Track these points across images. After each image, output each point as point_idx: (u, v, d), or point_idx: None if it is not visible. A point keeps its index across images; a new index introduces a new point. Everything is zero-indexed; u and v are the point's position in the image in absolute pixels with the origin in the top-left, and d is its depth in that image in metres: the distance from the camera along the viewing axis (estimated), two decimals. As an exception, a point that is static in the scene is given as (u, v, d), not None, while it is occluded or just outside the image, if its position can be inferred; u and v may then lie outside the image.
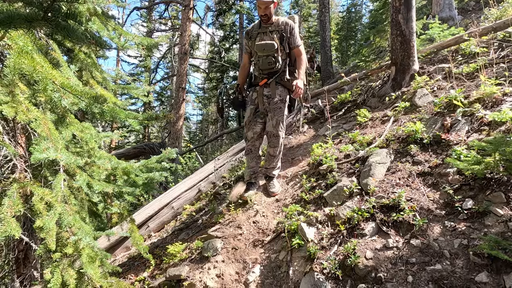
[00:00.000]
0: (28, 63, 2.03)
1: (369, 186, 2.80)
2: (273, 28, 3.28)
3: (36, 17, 1.33)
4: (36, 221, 2.21)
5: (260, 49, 3.23)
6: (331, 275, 2.29)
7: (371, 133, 3.87)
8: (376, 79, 5.58)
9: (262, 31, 3.31)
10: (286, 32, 3.27)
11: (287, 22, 3.31)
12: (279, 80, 3.35)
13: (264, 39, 3.26)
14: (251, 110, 3.43)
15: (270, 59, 3.23)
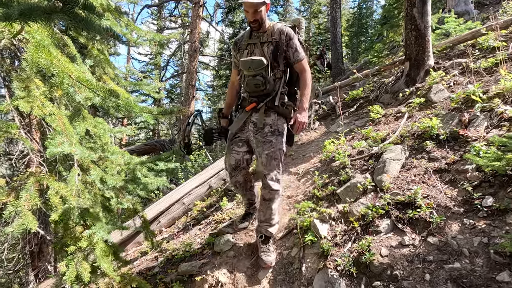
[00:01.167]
0: (45, 57, 2.04)
1: (384, 182, 2.74)
2: (266, 38, 2.42)
3: (55, 9, 1.34)
4: (51, 215, 2.25)
5: (245, 67, 2.39)
6: (345, 272, 2.26)
7: (385, 129, 3.80)
8: (389, 75, 5.48)
9: (252, 41, 2.46)
10: (282, 43, 2.39)
11: (284, 30, 2.43)
12: (272, 106, 2.47)
13: (254, 53, 2.44)
14: (230, 135, 2.60)
15: (257, 80, 2.36)
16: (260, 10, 2.31)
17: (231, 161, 2.57)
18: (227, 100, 2.77)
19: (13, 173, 3.26)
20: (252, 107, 2.47)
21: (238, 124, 2.54)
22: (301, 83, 2.48)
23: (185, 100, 10.74)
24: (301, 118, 2.35)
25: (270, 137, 2.42)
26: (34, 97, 2.26)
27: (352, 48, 16.71)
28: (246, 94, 2.54)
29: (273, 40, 2.40)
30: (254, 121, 2.49)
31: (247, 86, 2.44)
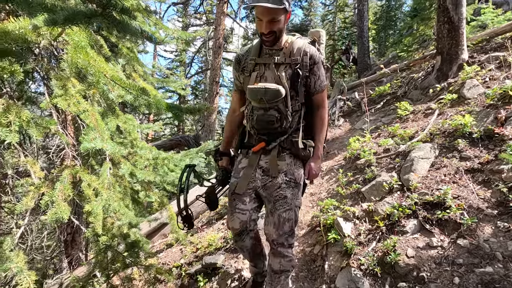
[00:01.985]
0: (83, 58, 2.16)
1: (411, 182, 2.67)
2: (283, 59, 1.75)
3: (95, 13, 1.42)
4: (84, 206, 2.38)
5: (255, 97, 1.70)
6: (369, 272, 2.23)
7: (413, 126, 3.68)
8: (419, 70, 5.27)
9: (263, 61, 1.78)
10: (304, 67, 1.74)
11: (308, 50, 1.76)
12: (289, 147, 1.82)
13: (264, 77, 1.76)
14: (231, 186, 1.91)
15: (271, 116, 1.71)
16: (278, 19, 1.62)
17: (234, 224, 1.84)
18: (226, 134, 2.05)
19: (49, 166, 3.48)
20: (261, 147, 1.80)
21: (246, 179, 1.82)
22: (317, 121, 1.84)
23: (209, 97, 10.91)
24: (316, 168, 1.78)
25: (285, 191, 1.75)
26: (71, 95, 2.39)
27: (379, 42, 16.16)
28: (254, 130, 1.82)
29: (292, 62, 1.72)
30: (264, 167, 1.81)
31: (257, 122, 1.74)
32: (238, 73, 1.88)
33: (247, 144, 1.92)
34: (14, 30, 1.83)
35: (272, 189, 1.78)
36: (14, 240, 2.18)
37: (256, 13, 1.62)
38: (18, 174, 3.18)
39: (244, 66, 1.84)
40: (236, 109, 1.99)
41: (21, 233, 2.37)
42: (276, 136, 1.80)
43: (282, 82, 1.71)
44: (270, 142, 1.80)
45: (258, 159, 1.82)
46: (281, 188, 1.77)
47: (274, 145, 1.80)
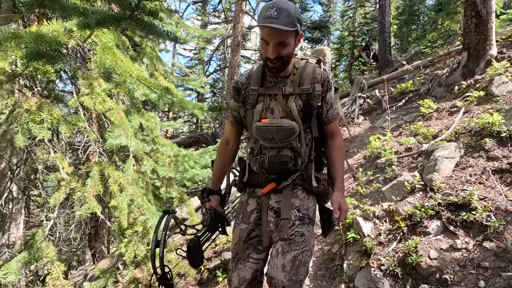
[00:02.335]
0: (110, 58, 2.24)
1: (434, 182, 2.60)
2: (292, 88, 1.50)
3: (124, 16, 1.48)
4: (110, 201, 2.48)
5: (265, 137, 1.47)
6: (389, 272, 2.20)
7: (437, 125, 3.57)
8: (443, 66, 5.10)
9: (267, 91, 1.52)
10: (316, 96, 1.52)
11: (319, 76, 1.52)
12: (301, 182, 1.57)
13: (270, 109, 1.51)
14: (241, 232, 1.59)
15: (285, 156, 1.49)
16: (288, 43, 1.36)
17: (246, 274, 1.53)
18: (217, 169, 1.74)
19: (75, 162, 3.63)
20: (271, 189, 1.54)
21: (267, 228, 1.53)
22: (334, 153, 1.61)
23: (227, 95, 10.99)
24: (345, 204, 1.50)
25: (299, 229, 1.49)
26: (96, 94, 2.49)
27: (401, 38, 15.69)
28: (261, 170, 1.55)
29: (303, 92, 1.47)
30: (275, 208, 1.53)
31: (269, 164, 1.49)
32: (239, 104, 1.58)
33: (251, 183, 1.61)
34: (48, 33, 1.92)
35: (284, 227, 1.48)
36: (45, 232, 2.30)
37: (262, 34, 1.36)
38: (47, 169, 3.34)
39: (245, 97, 1.54)
40: (231, 142, 1.71)
41: (51, 225, 2.50)
42: (288, 175, 1.53)
43: (293, 115, 1.45)
44: (281, 181, 1.53)
45: (268, 199, 1.55)
46: (295, 226, 1.47)
47: (286, 184, 1.53)
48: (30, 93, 2.06)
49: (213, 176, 1.77)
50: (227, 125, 1.73)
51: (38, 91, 2.52)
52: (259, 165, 1.52)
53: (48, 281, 2.09)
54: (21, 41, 1.68)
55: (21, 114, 1.87)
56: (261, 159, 1.50)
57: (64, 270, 2.10)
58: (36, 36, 1.70)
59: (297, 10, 1.34)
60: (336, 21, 19.48)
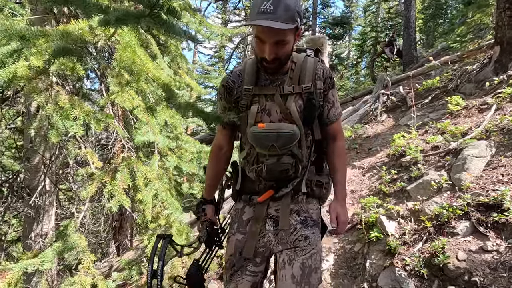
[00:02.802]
0: (130, 56, 2.31)
1: (463, 181, 2.51)
2: (291, 87, 1.30)
3: (143, 14, 1.52)
4: (136, 195, 2.56)
5: (263, 144, 1.28)
6: (414, 273, 2.16)
7: (466, 123, 3.44)
8: (473, 62, 4.89)
9: (263, 91, 1.32)
10: (318, 95, 1.34)
11: (321, 72, 1.34)
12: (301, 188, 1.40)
13: (267, 111, 1.31)
14: (237, 243, 1.41)
15: (285, 164, 1.30)
16: (287, 42, 1.18)
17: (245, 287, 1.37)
18: (210, 177, 1.55)
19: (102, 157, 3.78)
20: (269, 196, 1.36)
21: (254, 238, 1.35)
22: (335, 157, 1.43)
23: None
24: (344, 215, 1.39)
25: (302, 232, 1.34)
26: (125, 92, 2.57)
27: (427, 32, 15.15)
28: (258, 178, 1.36)
29: (304, 91, 1.28)
30: (275, 216, 1.37)
31: (267, 172, 1.30)
32: (230, 105, 1.37)
33: (248, 190, 1.43)
34: (74, 31, 2.01)
35: (285, 234, 1.33)
36: (77, 224, 2.42)
37: (256, 32, 1.15)
38: (77, 163, 3.50)
39: (237, 98, 1.33)
40: (224, 146, 1.51)
41: (82, 217, 2.62)
42: (288, 182, 1.35)
43: (293, 118, 1.26)
44: (280, 188, 1.35)
45: (267, 208, 1.37)
46: (297, 230, 1.33)
47: (286, 191, 1.35)
48: (64, 91, 2.16)
49: (206, 185, 1.57)
50: (218, 129, 1.52)
51: (70, 89, 2.64)
52: (256, 174, 1.33)
53: (80, 269, 2.20)
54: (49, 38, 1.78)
55: (56, 111, 1.97)
56: (258, 168, 1.30)
57: (95, 259, 2.20)
58: (63, 33, 1.78)
59: (297, 1, 1.14)
60: (358, 16, 19.08)
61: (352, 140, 5.14)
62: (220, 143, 1.51)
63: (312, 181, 1.39)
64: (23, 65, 1.52)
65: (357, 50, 17.29)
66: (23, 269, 1.94)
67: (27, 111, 3.15)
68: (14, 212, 3.69)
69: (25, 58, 1.55)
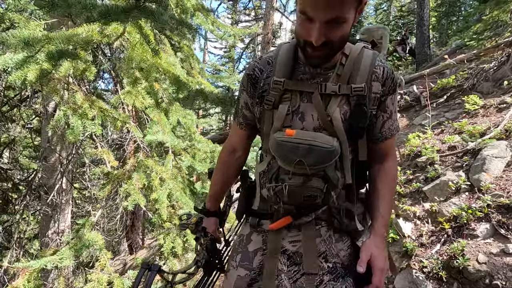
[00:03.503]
0: (138, 54, 2.32)
1: (483, 182, 2.45)
2: (336, 85, 0.95)
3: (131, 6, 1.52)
4: (151, 194, 2.59)
5: (288, 159, 0.92)
6: (432, 275, 2.11)
7: (484, 122, 3.36)
8: (490, 60, 4.77)
9: (298, 86, 0.97)
10: (372, 100, 0.97)
11: (379, 71, 0.96)
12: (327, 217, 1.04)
13: (300, 114, 0.98)
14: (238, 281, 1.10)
15: (314, 189, 0.93)
16: (345, 20, 0.83)
17: None
18: (217, 184, 1.27)
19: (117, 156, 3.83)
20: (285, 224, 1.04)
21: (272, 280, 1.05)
22: (383, 180, 1.08)
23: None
24: (382, 259, 0.98)
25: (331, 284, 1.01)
26: (138, 92, 2.60)
27: (440, 30, 14.86)
28: (274, 198, 1.00)
29: (353, 93, 0.95)
30: (290, 252, 1.06)
31: (288, 195, 0.95)
32: (253, 101, 1.06)
33: (259, 210, 1.12)
34: (82, 33, 2.03)
35: (308, 283, 1.00)
36: (93, 222, 2.46)
37: (301, 3, 0.81)
38: (93, 163, 3.56)
39: (264, 91, 1.02)
40: (238, 150, 1.20)
41: (98, 216, 2.66)
42: (312, 209, 1.02)
43: (334, 128, 0.95)
44: (300, 216, 1.03)
45: (280, 238, 1.05)
46: (324, 283, 1.00)
47: (308, 220, 1.03)
48: (81, 92, 2.20)
49: (210, 192, 1.28)
50: (233, 127, 1.20)
51: (87, 89, 2.69)
52: (273, 193, 0.98)
53: (96, 267, 2.23)
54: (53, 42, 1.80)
55: (74, 110, 2.00)
56: (277, 188, 0.95)
57: (112, 257, 2.23)
58: (68, 37, 1.81)
59: None
60: (369, 15, 18.86)
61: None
62: (234, 146, 1.20)
63: (341, 209, 1.02)
64: (34, 69, 1.54)
65: (368, 49, 17.05)
66: (43, 266, 1.99)
67: (44, 111, 3.22)
68: (31, 210, 3.78)
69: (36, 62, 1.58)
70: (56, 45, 1.78)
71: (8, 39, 1.58)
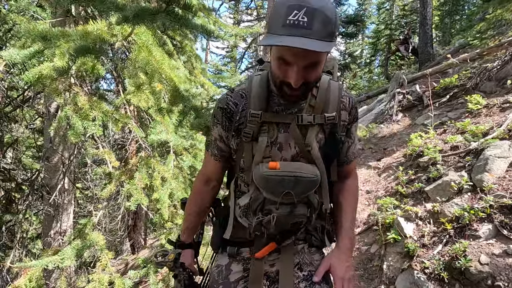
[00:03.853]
0: (144, 56, 2.33)
1: (485, 182, 2.43)
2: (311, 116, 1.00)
3: (159, 9, 1.53)
4: (153, 194, 2.59)
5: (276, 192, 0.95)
6: (434, 276, 2.10)
7: (487, 122, 3.33)
8: (494, 59, 4.73)
9: (275, 118, 1.00)
10: (341, 128, 1.06)
11: (346, 101, 1.06)
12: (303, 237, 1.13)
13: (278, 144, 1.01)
14: None
15: (300, 216, 1.00)
16: (320, 63, 0.89)
17: None
18: (191, 215, 1.25)
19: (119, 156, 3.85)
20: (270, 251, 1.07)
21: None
22: (345, 194, 1.16)
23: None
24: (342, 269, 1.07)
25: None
26: (141, 92, 2.60)
27: (443, 30, 14.78)
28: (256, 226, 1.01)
29: (327, 122, 1.01)
30: (269, 272, 1.13)
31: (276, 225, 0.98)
32: (228, 134, 1.06)
33: (235, 239, 1.11)
34: (93, 31, 2.04)
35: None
36: (95, 222, 2.47)
37: (279, 51, 0.86)
38: (95, 163, 3.57)
39: (241, 124, 1.03)
40: (212, 180, 1.19)
41: (100, 216, 2.67)
42: (293, 233, 1.07)
43: (312, 156, 1.00)
44: (283, 240, 1.06)
45: (262, 265, 1.08)
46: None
47: (289, 242, 1.08)
48: (82, 92, 2.20)
49: (185, 224, 1.26)
50: (207, 158, 1.18)
51: (89, 90, 2.70)
52: (259, 225, 0.99)
53: (97, 267, 2.24)
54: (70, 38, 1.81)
55: (75, 111, 2.01)
56: (264, 220, 0.98)
57: (113, 257, 2.24)
58: (83, 33, 1.82)
59: (335, 10, 0.85)
60: (372, 14, 18.79)
61: (367, 139, 5.06)
62: (209, 176, 1.19)
63: (317, 228, 1.11)
64: (48, 66, 1.55)
65: (370, 48, 17.05)
66: (44, 266, 1.99)
67: (47, 111, 3.23)
68: (34, 210, 3.80)
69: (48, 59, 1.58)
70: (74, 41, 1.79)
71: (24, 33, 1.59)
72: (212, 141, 1.12)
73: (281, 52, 0.85)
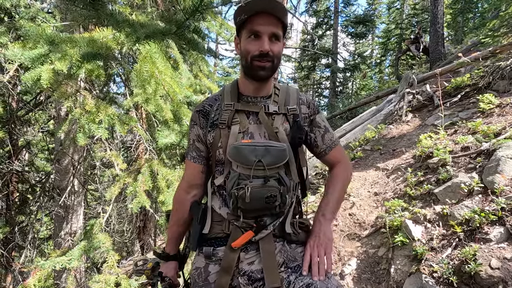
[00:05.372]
0: (147, 70, 2.35)
1: (497, 184, 2.37)
2: (275, 107, 1.18)
3: (170, 31, 1.56)
4: (159, 196, 2.62)
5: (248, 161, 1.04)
6: (443, 280, 2.05)
7: (499, 122, 3.24)
8: (507, 57, 4.61)
9: (246, 107, 1.17)
10: (304, 120, 1.22)
11: (303, 98, 1.25)
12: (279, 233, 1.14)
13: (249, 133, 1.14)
14: None
15: (273, 189, 1.03)
16: (279, 39, 1.10)
17: None
18: (175, 226, 1.25)
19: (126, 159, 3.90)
20: (246, 240, 1.08)
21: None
22: (330, 185, 1.24)
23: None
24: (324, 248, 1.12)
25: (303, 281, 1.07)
26: (148, 95, 2.64)
27: (455, 28, 14.48)
28: (235, 211, 1.06)
29: (289, 112, 1.17)
30: (249, 271, 1.10)
31: (251, 200, 1.01)
32: (205, 131, 1.16)
33: (212, 235, 1.13)
34: (99, 38, 2.08)
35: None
36: (102, 223, 2.51)
37: (252, 25, 1.06)
38: (103, 165, 3.63)
39: (216, 119, 1.15)
40: (194, 187, 1.22)
41: (107, 217, 2.71)
42: (270, 220, 1.09)
43: (280, 139, 1.11)
44: (260, 229, 1.08)
45: (237, 258, 1.08)
46: (293, 282, 1.07)
47: (267, 233, 1.08)
48: (90, 96, 2.25)
49: (169, 235, 1.26)
50: (187, 164, 1.23)
51: (97, 93, 2.75)
52: (234, 204, 1.03)
53: (104, 268, 2.27)
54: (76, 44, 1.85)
55: (82, 115, 2.05)
56: (240, 192, 1.01)
57: (119, 259, 2.27)
58: (89, 40, 1.85)
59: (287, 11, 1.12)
60: (382, 14, 18.59)
61: (376, 140, 4.99)
62: (190, 182, 1.21)
63: (295, 223, 1.15)
64: (47, 69, 1.59)
65: (380, 48, 16.85)
66: (52, 266, 2.03)
67: (57, 115, 3.31)
68: (46, 211, 3.89)
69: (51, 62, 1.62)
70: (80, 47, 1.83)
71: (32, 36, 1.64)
72: (190, 145, 1.22)
73: (252, 24, 1.07)
